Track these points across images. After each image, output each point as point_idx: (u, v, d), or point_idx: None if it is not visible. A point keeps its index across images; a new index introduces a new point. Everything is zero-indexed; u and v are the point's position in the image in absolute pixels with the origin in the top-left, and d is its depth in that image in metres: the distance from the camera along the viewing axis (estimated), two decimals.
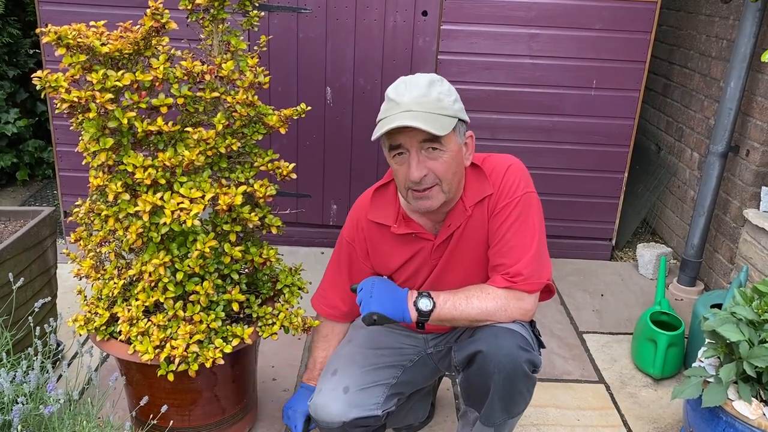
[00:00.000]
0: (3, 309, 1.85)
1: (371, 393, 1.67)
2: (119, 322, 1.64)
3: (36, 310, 1.73)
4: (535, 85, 3.04)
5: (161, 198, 1.53)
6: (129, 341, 1.65)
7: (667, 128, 3.64)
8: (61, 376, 1.85)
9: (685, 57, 3.44)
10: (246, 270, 1.82)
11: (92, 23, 1.57)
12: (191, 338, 1.59)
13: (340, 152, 3.16)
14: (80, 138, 1.60)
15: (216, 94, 1.63)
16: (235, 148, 1.66)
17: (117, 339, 1.69)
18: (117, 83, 1.51)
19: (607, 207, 3.26)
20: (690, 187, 3.31)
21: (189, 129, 1.61)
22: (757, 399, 1.68)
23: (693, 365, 1.84)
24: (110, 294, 1.70)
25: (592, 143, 3.13)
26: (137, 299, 1.63)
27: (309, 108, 1.74)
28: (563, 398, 2.29)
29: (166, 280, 1.61)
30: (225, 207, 1.57)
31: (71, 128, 1.63)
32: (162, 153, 1.55)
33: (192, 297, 1.63)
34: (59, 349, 2.25)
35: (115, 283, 1.69)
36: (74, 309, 2.25)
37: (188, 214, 1.50)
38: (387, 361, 1.75)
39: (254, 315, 1.76)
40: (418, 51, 2.99)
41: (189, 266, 1.60)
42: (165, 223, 1.51)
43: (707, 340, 1.82)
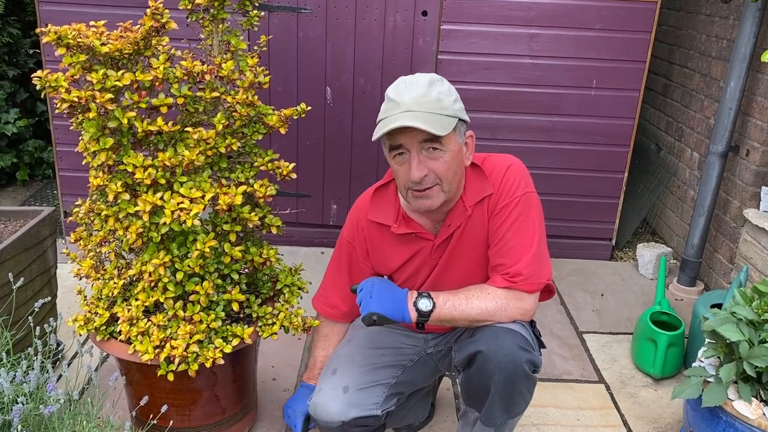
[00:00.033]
0: (3, 309, 1.85)
1: (371, 393, 1.67)
2: (119, 322, 1.64)
3: (36, 310, 1.73)
4: (535, 85, 3.04)
5: (161, 198, 1.53)
6: (129, 341, 1.65)
7: (667, 128, 3.64)
8: (61, 376, 1.85)
9: (685, 57, 3.44)
10: (246, 270, 1.82)
11: (92, 23, 1.57)
12: (191, 338, 1.59)
13: (340, 152, 3.16)
14: (80, 138, 1.60)
15: (216, 94, 1.63)
16: (235, 148, 1.66)
17: (117, 339, 1.69)
18: (117, 83, 1.51)
19: (607, 207, 3.25)
20: (690, 187, 3.31)
21: (189, 129, 1.61)
22: (757, 399, 1.68)
23: (693, 365, 1.84)
24: (110, 294, 1.70)
25: (592, 143, 3.13)
26: (137, 299, 1.63)
27: (309, 108, 1.74)
28: (563, 398, 2.29)
29: (166, 280, 1.61)
30: (225, 207, 1.57)
31: (71, 128, 1.63)
32: (162, 153, 1.55)
33: (192, 297, 1.63)
34: (59, 349, 2.25)
35: (115, 283, 1.69)
36: (74, 309, 2.25)
37: (188, 214, 1.50)
38: (387, 361, 1.74)
39: (254, 315, 1.76)
40: (418, 51, 2.99)
41: (189, 266, 1.60)
42: (165, 223, 1.51)
43: (707, 340, 1.82)
